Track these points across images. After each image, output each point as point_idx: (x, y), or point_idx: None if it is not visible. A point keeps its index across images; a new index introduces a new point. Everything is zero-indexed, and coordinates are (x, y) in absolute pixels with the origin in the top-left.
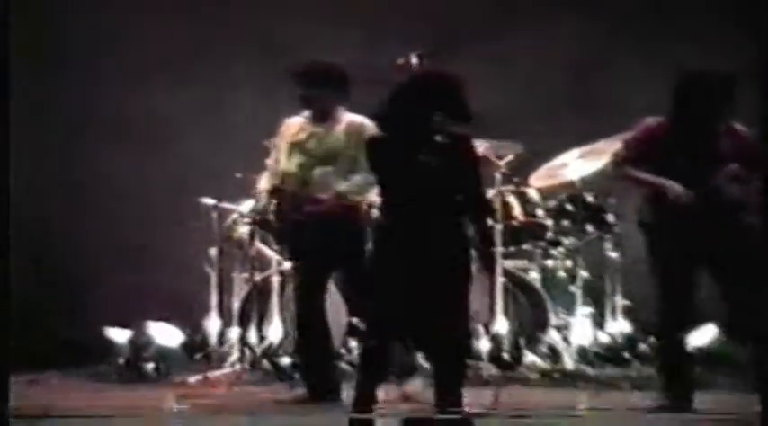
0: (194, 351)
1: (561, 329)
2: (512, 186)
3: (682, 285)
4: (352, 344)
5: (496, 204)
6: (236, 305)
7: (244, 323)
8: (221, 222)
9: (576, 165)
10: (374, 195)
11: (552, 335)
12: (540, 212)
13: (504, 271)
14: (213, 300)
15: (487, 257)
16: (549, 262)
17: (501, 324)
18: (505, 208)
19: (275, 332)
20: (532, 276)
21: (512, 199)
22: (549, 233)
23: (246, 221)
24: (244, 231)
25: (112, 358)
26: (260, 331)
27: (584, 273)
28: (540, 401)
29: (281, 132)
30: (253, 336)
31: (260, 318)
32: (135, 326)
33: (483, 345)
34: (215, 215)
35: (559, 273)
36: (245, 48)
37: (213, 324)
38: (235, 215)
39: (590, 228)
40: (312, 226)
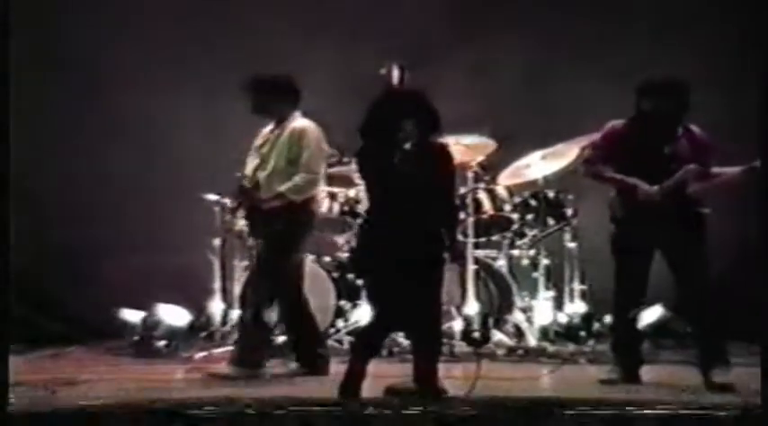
0: (200, 330)
1: (525, 310)
2: (482, 184)
3: (641, 271)
4: (340, 324)
5: (469, 200)
6: (236, 289)
7: (244, 306)
8: (223, 216)
9: (539, 166)
10: (316, 192)
11: (517, 316)
12: (507, 207)
13: (476, 260)
14: (216, 285)
15: (455, 250)
16: (515, 252)
17: (472, 307)
18: (477, 203)
19: (272, 313)
20: (500, 264)
21: (482, 196)
22: (515, 225)
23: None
24: (242, 224)
25: (127, 335)
26: None
27: (545, 261)
28: (507, 373)
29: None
30: None
31: None
32: (147, 308)
33: (456, 325)
34: (217, 209)
35: (524, 261)
36: (240, 55)
37: (217, 307)
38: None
39: (551, 221)
40: (263, 221)
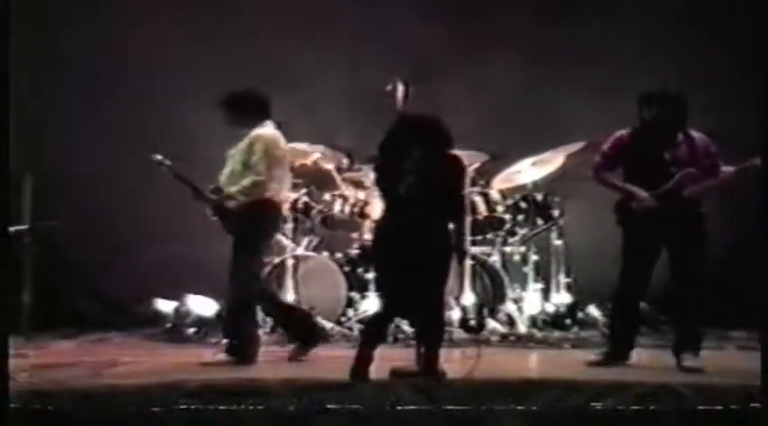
0: None
1: (516, 301)
2: (478, 188)
3: (644, 268)
4: (350, 313)
5: (466, 202)
6: None
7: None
8: None
9: (529, 171)
10: (269, 194)
11: (509, 306)
12: (500, 209)
13: (472, 256)
14: None
15: (461, 253)
16: (507, 248)
17: (468, 298)
18: (472, 205)
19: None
20: (494, 259)
21: (478, 199)
22: (507, 225)
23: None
24: None
25: (161, 323)
26: None
27: (534, 257)
28: (501, 357)
29: None
30: None
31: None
32: (179, 298)
33: (454, 314)
34: None
35: (515, 257)
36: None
37: None
38: None
39: (539, 221)
40: (231, 221)
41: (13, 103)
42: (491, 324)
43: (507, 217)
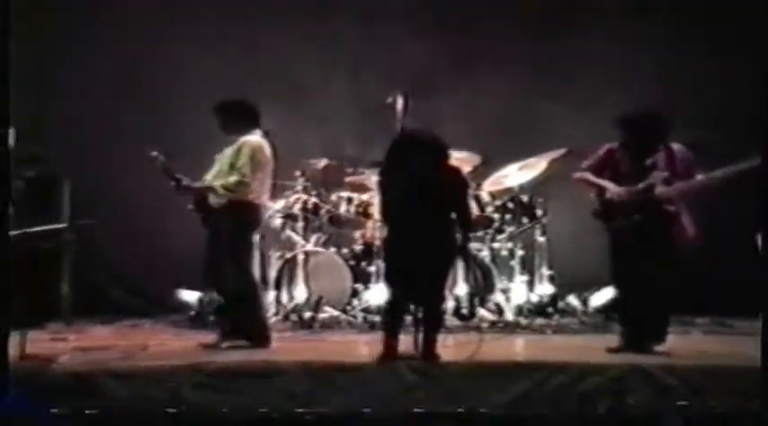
0: None
1: (504, 291)
2: (469, 190)
3: (628, 255)
4: (355, 303)
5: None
6: (272, 274)
7: (278, 287)
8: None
9: (516, 175)
10: (250, 195)
11: (497, 296)
12: (490, 209)
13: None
14: (257, 272)
15: (466, 253)
16: (496, 244)
17: (461, 288)
18: None
19: (300, 294)
20: (484, 254)
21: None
22: (496, 223)
23: (279, 215)
24: (277, 223)
25: (185, 311)
26: (289, 293)
27: (520, 252)
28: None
29: None
30: (284, 297)
31: (289, 284)
32: (202, 289)
33: (448, 303)
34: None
35: (503, 252)
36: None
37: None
38: (270, 211)
39: (525, 220)
40: (213, 219)
41: (51, 107)
42: (481, 312)
43: (496, 216)
